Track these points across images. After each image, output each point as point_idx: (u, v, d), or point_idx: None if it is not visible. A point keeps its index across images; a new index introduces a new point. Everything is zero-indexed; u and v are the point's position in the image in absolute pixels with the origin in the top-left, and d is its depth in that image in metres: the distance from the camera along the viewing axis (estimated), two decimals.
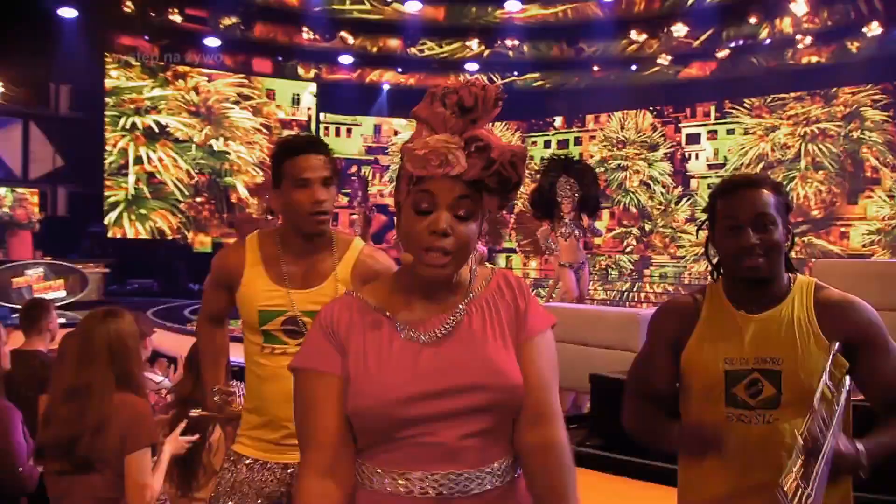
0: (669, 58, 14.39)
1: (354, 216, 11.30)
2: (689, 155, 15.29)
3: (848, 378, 1.65)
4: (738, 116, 14.81)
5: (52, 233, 12.76)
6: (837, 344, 1.65)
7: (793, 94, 14.17)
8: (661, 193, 15.42)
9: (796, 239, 1.89)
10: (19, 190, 13.64)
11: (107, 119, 14.46)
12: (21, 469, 2.82)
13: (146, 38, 14.45)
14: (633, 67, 14.99)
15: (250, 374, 2.16)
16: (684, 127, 15.34)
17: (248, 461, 2.09)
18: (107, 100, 14.47)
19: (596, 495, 1.59)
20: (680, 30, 13.61)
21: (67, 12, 13.01)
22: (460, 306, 1.37)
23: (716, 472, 1.76)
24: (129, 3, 13.17)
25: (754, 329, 1.73)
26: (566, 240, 7.40)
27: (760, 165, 14.35)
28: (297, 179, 2.06)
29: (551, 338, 1.41)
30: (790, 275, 1.77)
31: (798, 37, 13.25)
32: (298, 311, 2.07)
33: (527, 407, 1.33)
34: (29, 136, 14.28)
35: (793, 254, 1.79)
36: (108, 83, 14.55)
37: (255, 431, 2.10)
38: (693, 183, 15.19)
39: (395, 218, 1.40)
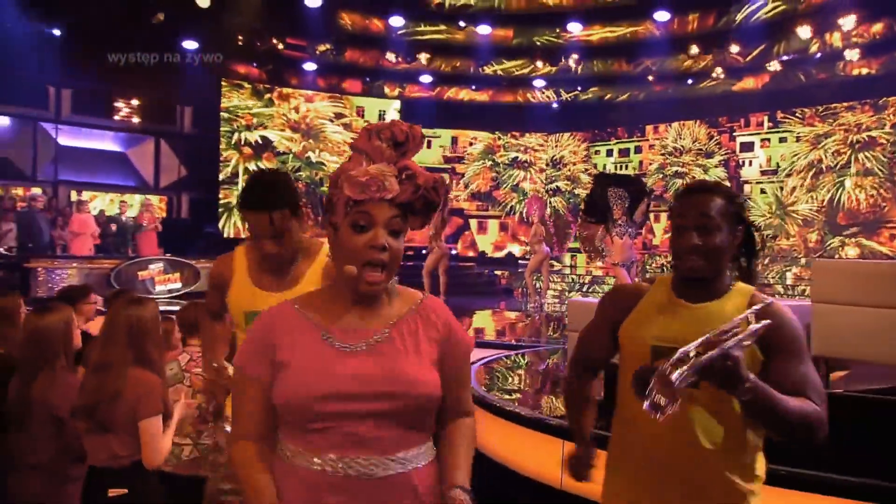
0: (723, 71, 14.55)
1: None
2: (743, 162, 15.34)
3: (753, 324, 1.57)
4: (790, 125, 14.78)
5: (174, 233, 13.51)
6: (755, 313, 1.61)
7: (843, 104, 14.13)
8: None
9: (845, 240, 1.85)
10: (150, 197, 14.91)
11: (222, 135, 15.66)
12: None
13: (254, 64, 15.59)
14: (689, 81, 15.18)
15: None
16: (738, 136, 15.39)
17: None
18: (222, 119, 15.67)
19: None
20: (733, 46, 13.88)
21: (190, 45, 14.02)
22: (385, 329, 1.46)
23: (630, 444, 1.80)
24: (240, 36, 14.26)
25: (688, 316, 1.73)
26: (621, 238, 8.23)
27: (812, 172, 14.39)
28: (248, 228, 2.29)
29: (469, 360, 1.58)
30: (734, 278, 1.78)
31: (847, 50, 13.29)
32: None
33: (461, 407, 1.54)
34: (159, 151, 15.52)
35: (850, 251, 1.94)
36: (224, 104, 15.72)
37: None
38: (747, 188, 15.24)
39: (328, 236, 1.49)
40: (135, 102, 15.25)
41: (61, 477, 2.63)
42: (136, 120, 15.38)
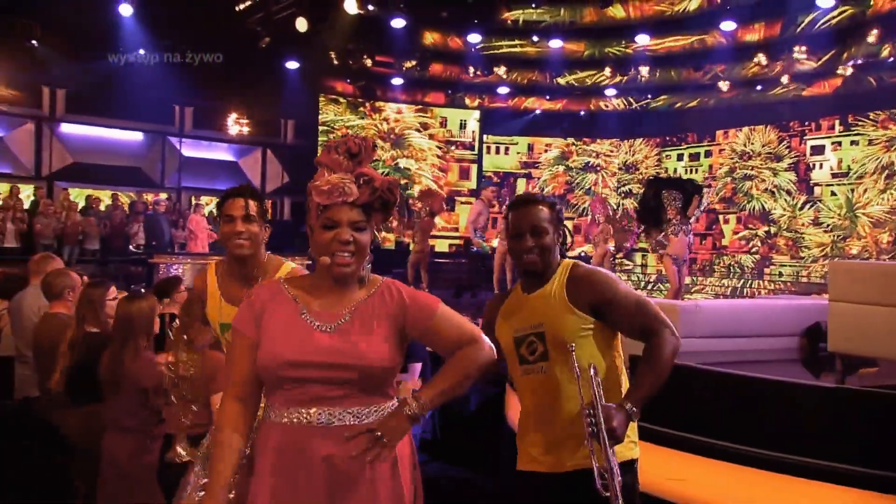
0: (790, 78, 14.05)
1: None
2: (814, 165, 14.72)
3: (595, 375, 1.86)
4: (862, 128, 14.06)
5: (276, 232, 13.72)
6: (592, 369, 1.88)
7: None
8: (786, 200, 14.94)
9: None
10: None
11: (320, 145, 16.10)
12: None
13: (348, 80, 16.11)
14: (759, 87, 14.68)
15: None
16: (809, 139, 14.78)
17: None
18: (320, 130, 16.26)
19: None
20: (801, 52, 13.39)
21: (291, 65, 14.84)
22: (347, 314, 1.62)
23: (525, 415, 2.09)
24: (334, 55, 14.85)
25: (530, 304, 2.01)
26: (676, 236, 8.28)
27: (885, 174, 13.67)
28: (224, 216, 2.35)
29: (445, 309, 1.69)
30: (560, 260, 2.04)
31: None
32: None
33: (455, 342, 1.66)
34: (266, 160, 16.45)
35: None
36: (321, 118, 16.32)
37: None
38: (817, 190, 14.64)
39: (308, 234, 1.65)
40: (245, 118, 16.16)
41: (148, 438, 2.87)
42: (246, 132, 16.31)
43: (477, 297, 10.51)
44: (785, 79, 14.13)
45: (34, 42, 13.07)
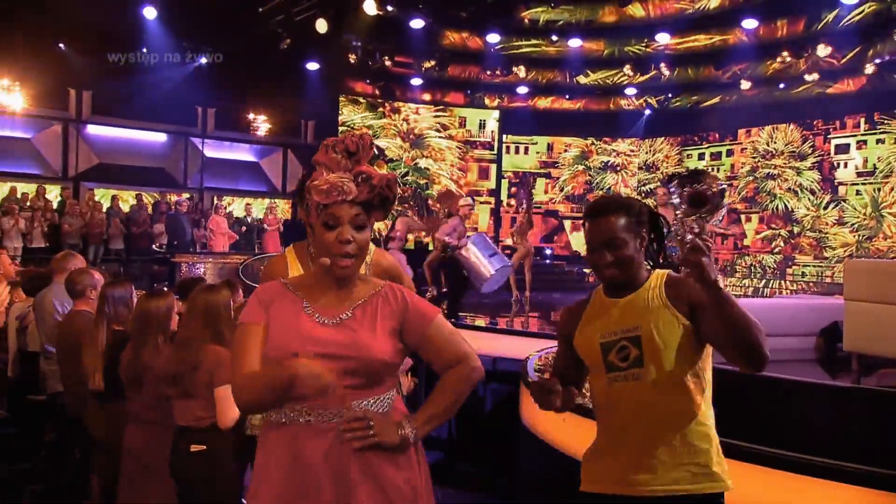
0: (816, 75, 13.85)
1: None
2: (838, 164, 14.51)
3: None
4: (888, 126, 13.82)
5: (296, 232, 13.76)
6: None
7: None
8: (809, 199, 14.78)
9: None
10: (278, 200, 15.89)
11: None
12: None
13: (367, 81, 16.15)
14: (781, 85, 14.57)
15: None
16: (833, 138, 14.59)
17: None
18: (340, 131, 16.14)
19: None
20: (824, 49, 13.19)
21: (312, 66, 14.93)
22: (351, 309, 1.63)
23: (605, 430, 1.90)
24: (353, 56, 14.85)
25: (620, 309, 1.86)
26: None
27: None
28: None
29: (442, 320, 1.70)
30: (650, 268, 1.91)
31: None
32: None
33: (446, 359, 1.67)
34: (287, 161, 16.56)
35: None
36: (341, 118, 16.40)
37: None
38: (841, 189, 14.42)
39: (308, 233, 1.76)
40: (266, 118, 16.29)
41: (166, 429, 2.86)
42: (267, 133, 16.43)
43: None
44: (808, 77, 13.95)
45: (61, 45, 13.30)
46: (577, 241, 17.70)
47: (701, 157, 16.67)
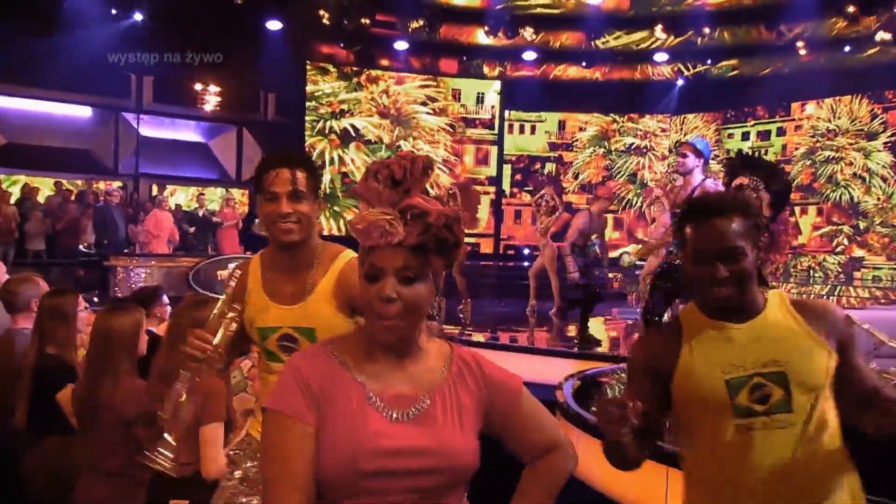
0: (889, 36, 12.61)
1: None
2: None
3: None
4: None
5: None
6: None
7: None
8: (880, 187, 13.85)
9: None
10: (233, 190, 14.84)
11: (307, 123, 15.35)
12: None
13: (341, 44, 15.27)
14: (847, 49, 13.53)
15: (262, 381, 2.23)
16: None
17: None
18: (308, 106, 15.35)
19: None
20: None
21: (273, 25, 13.92)
22: (426, 397, 1.44)
23: (722, 486, 1.71)
24: (325, 14, 13.78)
25: (745, 337, 1.71)
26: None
27: None
28: (265, 193, 2.08)
29: (526, 392, 1.53)
30: (761, 288, 1.76)
31: None
32: (289, 328, 2.06)
33: (536, 443, 1.52)
34: (242, 141, 15.68)
35: None
36: (310, 89, 15.55)
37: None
38: None
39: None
40: (217, 89, 15.31)
41: (132, 482, 2.78)
42: (217, 107, 15.45)
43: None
44: (881, 37, 12.73)
45: None
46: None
47: (745, 137, 15.70)
